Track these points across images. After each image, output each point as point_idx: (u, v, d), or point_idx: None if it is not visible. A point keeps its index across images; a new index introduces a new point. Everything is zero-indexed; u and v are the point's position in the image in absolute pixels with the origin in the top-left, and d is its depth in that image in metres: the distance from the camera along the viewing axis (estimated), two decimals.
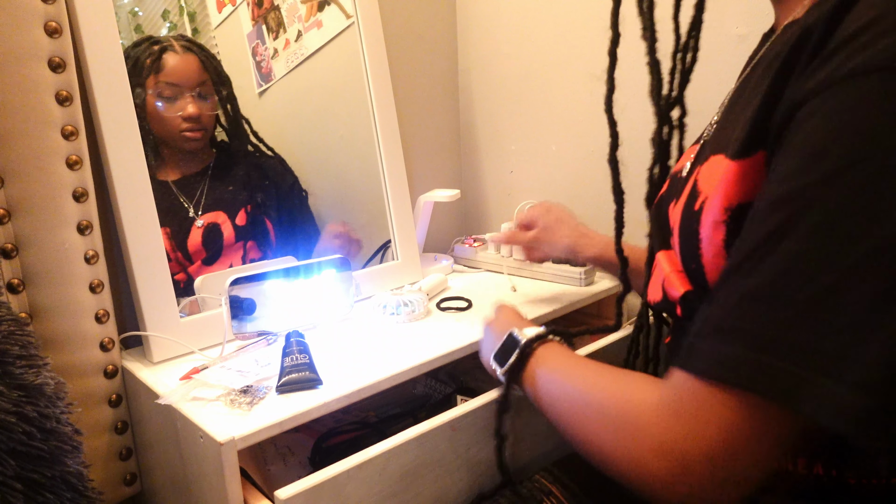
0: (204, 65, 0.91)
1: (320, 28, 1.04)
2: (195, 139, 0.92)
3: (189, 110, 0.89)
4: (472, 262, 1.19)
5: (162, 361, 0.78)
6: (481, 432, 0.68)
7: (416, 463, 0.62)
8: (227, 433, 0.58)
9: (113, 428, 0.79)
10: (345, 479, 0.57)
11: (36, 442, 0.53)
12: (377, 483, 0.59)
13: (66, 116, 0.72)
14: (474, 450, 0.68)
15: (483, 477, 0.69)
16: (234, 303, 0.79)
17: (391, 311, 0.89)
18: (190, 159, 0.94)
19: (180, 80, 0.89)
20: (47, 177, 0.70)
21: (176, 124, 0.89)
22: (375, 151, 1.06)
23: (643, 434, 0.38)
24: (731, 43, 0.85)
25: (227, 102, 0.96)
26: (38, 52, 0.69)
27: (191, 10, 0.95)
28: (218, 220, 0.93)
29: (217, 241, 0.92)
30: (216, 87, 0.93)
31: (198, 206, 0.92)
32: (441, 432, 0.64)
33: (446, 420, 0.64)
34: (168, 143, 0.91)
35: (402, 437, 0.61)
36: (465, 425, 0.66)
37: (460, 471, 0.67)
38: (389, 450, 0.60)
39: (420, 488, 0.63)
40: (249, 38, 1.02)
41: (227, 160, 0.97)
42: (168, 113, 0.88)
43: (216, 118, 0.95)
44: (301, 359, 0.69)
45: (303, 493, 0.54)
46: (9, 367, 0.54)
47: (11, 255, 0.69)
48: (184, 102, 0.89)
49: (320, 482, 0.55)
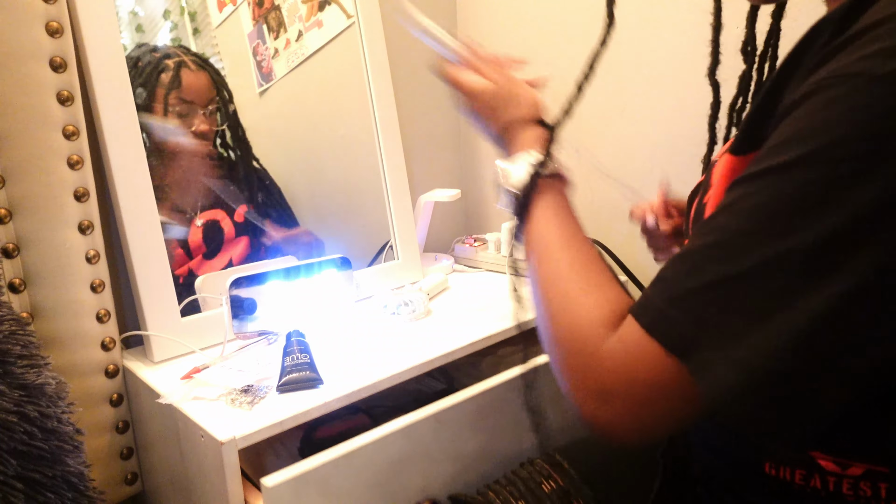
0: (215, 82, 0.93)
1: (321, 28, 1.04)
2: (201, 154, 0.93)
3: (201, 128, 0.91)
4: (473, 261, 1.19)
5: (163, 361, 0.79)
6: (466, 425, 0.70)
7: (402, 454, 0.64)
8: (227, 432, 0.58)
9: (114, 427, 0.79)
10: (331, 469, 0.58)
11: (37, 441, 0.54)
12: (363, 473, 0.61)
13: (68, 116, 0.72)
14: (459, 442, 0.69)
15: (469, 469, 0.71)
16: (235, 302, 0.79)
17: (392, 310, 0.89)
18: (189, 164, 0.95)
19: (195, 97, 0.90)
20: (48, 177, 0.71)
21: (188, 140, 0.91)
22: (376, 151, 1.06)
23: (586, 367, 0.40)
24: None
25: (231, 117, 0.97)
26: (40, 51, 0.69)
27: (191, 10, 0.95)
28: (217, 217, 0.94)
29: (217, 236, 0.93)
30: (223, 104, 0.94)
31: (195, 207, 0.93)
32: (426, 424, 0.66)
33: (431, 413, 0.66)
34: (172, 153, 0.92)
35: (387, 428, 0.63)
36: (450, 418, 0.68)
37: (445, 462, 0.68)
38: (375, 441, 0.61)
39: (406, 479, 0.65)
40: (250, 37, 1.02)
41: (223, 163, 0.98)
42: (181, 128, 0.90)
43: (220, 133, 0.97)
44: (302, 358, 0.69)
45: (290, 482, 0.55)
46: (10, 366, 0.54)
47: (13, 255, 0.69)
48: (195, 119, 0.90)
49: (307, 471, 0.56)
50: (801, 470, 0.43)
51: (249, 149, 0.99)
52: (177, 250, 0.89)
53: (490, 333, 0.81)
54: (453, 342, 0.78)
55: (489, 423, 0.73)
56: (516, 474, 0.68)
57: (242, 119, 0.97)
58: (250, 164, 1.00)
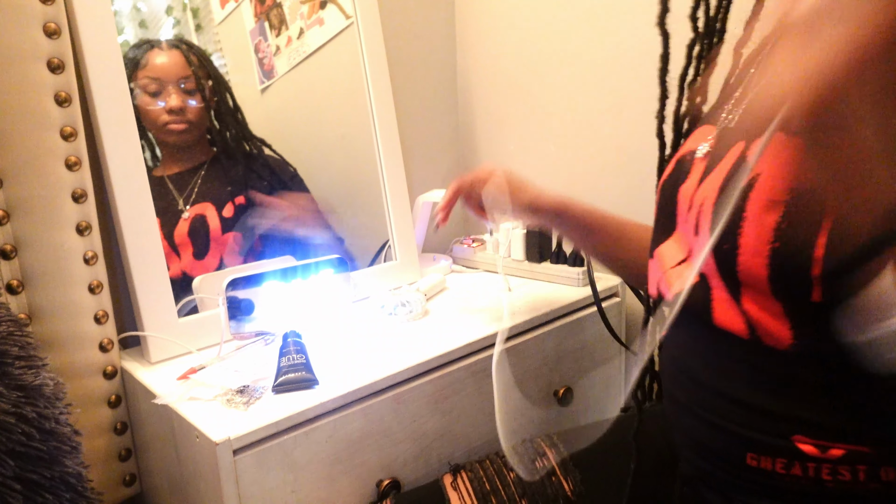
0: (188, 59, 0.94)
1: (322, 25, 1.04)
2: (179, 131, 0.93)
3: (171, 102, 0.91)
4: (471, 262, 1.19)
5: (160, 361, 0.79)
6: (425, 405, 0.74)
7: (362, 433, 0.68)
8: (222, 433, 0.58)
9: (112, 429, 0.80)
10: (292, 444, 0.62)
11: (35, 443, 0.54)
12: (324, 449, 0.65)
13: (65, 117, 0.72)
14: (419, 422, 0.74)
15: (430, 448, 0.75)
16: (232, 303, 0.79)
17: (389, 311, 0.90)
18: (186, 155, 0.95)
19: (161, 75, 0.91)
20: (46, 178, 0.71)
21: (160, 117, 0.91)
22: (374, 151, 1.06)
23: None
24: None
25: (216, 96, 0.97)
26: (37, 52, 0.69)
27: (194, 6, 0.96)
28: (205, 213, 0.94)
29: (202, 232, 0.94)
30: (200, 82, 0.94)
31: (188, 199, 0.94)
32: (385, 404, 0.70)
33: (391, 393, 0.70)
34: (160, 139, 0.93)
35: (347, 408, 0.66)
36: (409, 399, 0.72)
37: (406, 442, 0.73)
38: (335, 419, 0.65)
39: (366, 456, 0.69)
40: (252, 34, 1.02)
41: (225, 155, 0.98)
42: (152, 106, 0.91)
43: (208, 114, 0.96)
44: (297, 359, 0.70)
45: (255, 453, 0.59)
46: (8, 367, 0.54)
47: (10, 256, 0.69)
48: (166, 95, 0.91)
49: (270, 445, 0.60)
50: (781, 458, 0.43)
51: (246, 132, 1.00)
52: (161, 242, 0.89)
53: (488, 334, 0.81)
54: (451, 342, 0.78)
55: (448, 405, 0.77)
56: (515, 449, 0.73)
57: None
58: (245, 150, 0.99)
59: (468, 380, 0.79)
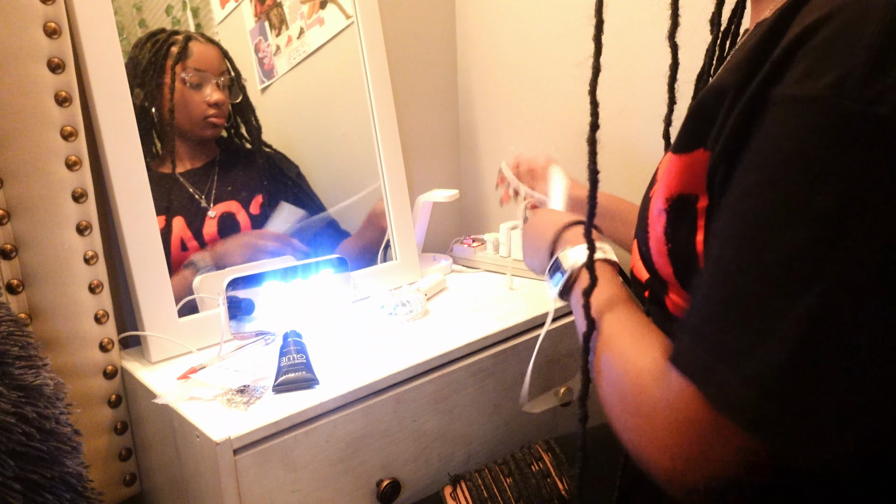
0: (225, 55, 0.95)
1: (322, 25, 1.04)
2: (218, 125, 0.95)
3: (215, 97, 0.92)
4: (471, 262, 1.19)
5: (160, 361, 0.79)
6: (426, 405, 0.74)
7: (362, 432, 0.68)
8: (223, 433, 0.58)
9: (112, 428, 0.80)
10: (292, 444, 0.62)
11: (35, 443, 0.54)
12: (324, 449, 0.65)
13: (66, 117, 0.72)
14: (420, 421, 0.74)
15: (430, 448, 0.75)
16: (233, 303, 0.79)
17: (389, 310, 0.90)
18: (198, 152, 0.95)
19: (207, 67, 0.92)
20: (47, 177, 0.71)
21: (202, 110, 0.92)
22: (375, 151, 1.06)
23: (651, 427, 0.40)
24: None
25: (242, 93, 0.99)
26: (38, 52, 0.69)
27: (194, 6, 0.96)
28: (232, 210, 0.95)
29: (234, 229, 0.94)
30: (234, 80, 0.96)
31: (209, 197, 0.94)
32: (386, 404, 0.70)
33: (391, 393, 0.70)
34: (186, 133, 0.92)
35: (347, 408, 0.66)
36: (409, 398, 0.72)
37: (406, 441, 0.73)
38: (335, 419, 0.65)
39: (366, 456, 0.69)
40: (252, 34, 1.02)
41: (234, 152, 0.98)
42: (195, 98, 0.91)
43: (231, 111, 0.98)
44: (298, 359, 0.70)
45: (255, 452, 0.59)
46: (8, 367, 0.54)
47: (11, 256, 0.69)
48: (210, 89, 0.92)
49: (271, 445, 0.60)
50: None
51: (260, 134, 1.01)
52: (191, 242, 0.90)
53: (488, 333, 0.81)
54: (451, 342, 0.78)
55: (448, 405, 0.77)
56: (513, 456, 0.74)
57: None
58: (262, 151, 1.01)
59: (468, 380, 0.79)
